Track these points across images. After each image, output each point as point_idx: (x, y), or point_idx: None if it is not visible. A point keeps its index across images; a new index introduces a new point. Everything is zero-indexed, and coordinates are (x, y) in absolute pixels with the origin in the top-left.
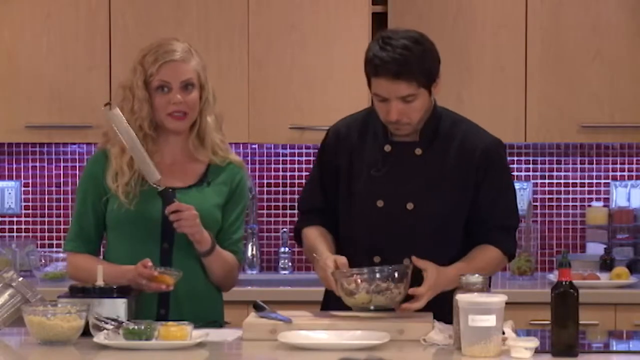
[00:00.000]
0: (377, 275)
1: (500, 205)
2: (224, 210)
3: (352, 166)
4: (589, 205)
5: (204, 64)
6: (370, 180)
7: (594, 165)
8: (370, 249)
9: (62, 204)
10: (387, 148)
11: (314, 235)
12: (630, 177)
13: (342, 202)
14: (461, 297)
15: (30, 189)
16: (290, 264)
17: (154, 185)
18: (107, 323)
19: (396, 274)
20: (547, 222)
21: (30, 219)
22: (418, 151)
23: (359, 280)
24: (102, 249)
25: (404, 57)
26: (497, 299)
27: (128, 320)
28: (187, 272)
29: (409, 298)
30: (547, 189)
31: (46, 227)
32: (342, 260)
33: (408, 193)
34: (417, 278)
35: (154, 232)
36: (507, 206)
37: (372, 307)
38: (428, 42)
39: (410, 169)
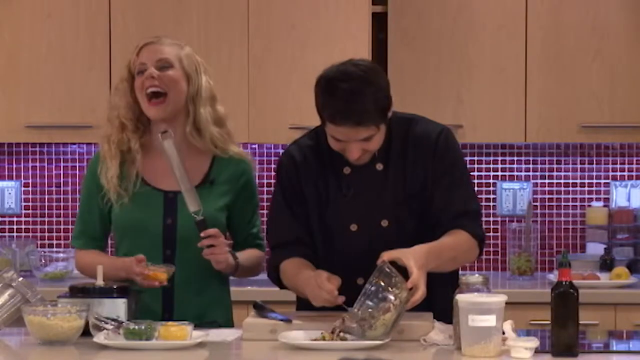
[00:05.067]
0: (385, 295)
1: (457, 190)
2: (235, 210)
3: (318, 194)
4: (589, 205)
5: (196, 59)
6: (338, 206)
7: (594, 165)
8: (351, 272)
9: (62, 204)
10: (347, 170)
11: (296, 266)
12: (630, 177)
13: (315, 230)
14: (461, 297)
15: (30, 189)
16: None
17: (192, 215)
18: (107, 323)
19: (386, 281)
20: (547, 222)
21: (30, 219)
22: (379, 166)
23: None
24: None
25: (360, 106)
26: (497, 299)
27: (128, 320)
28: (190, 276)
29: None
30: (547, 189)
31: (46, 227)
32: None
33: (380, 211)
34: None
35: (156, 239)
36: (465, 191)
37: (399, 317)
38: (376, 74)
39: (375, 186)
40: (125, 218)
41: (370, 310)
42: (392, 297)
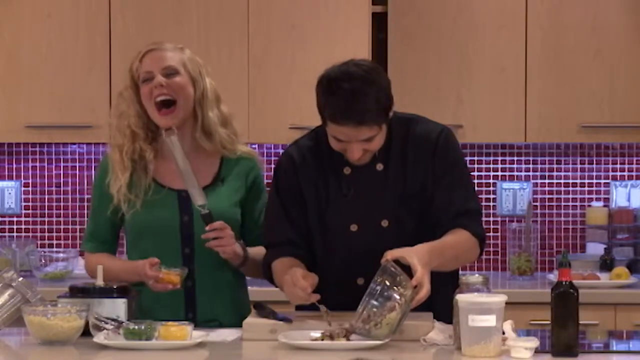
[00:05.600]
0: (389, 294)
1: (458, 190)
2: (245, 208)
3: (318, 194)
4: (589, 205)
5: (198, 62)
6: (339, 206)
7: (594, 165)
8: (352, 272)
9: (62, 204)
10: (347, 170)
11: (283, 266)
12: (630, 177)
13: (315, 230)
14: (461, 297)
15: (30, 189)
16: None
17: (198, 208)
18: (107, 323)
19: (390, 280)
20: (547, 222)
21: (30, 219)
22: (379, 166)
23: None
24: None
25: (362, 106)
26: (497, 299)
27: (128, 320)
28: (211, 274)
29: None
30: (547, 189)
31: (46, 227)
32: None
33: (380, 211)
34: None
35: (174, 239)
36: (466, 190)
37: (404, 315)
38: (377, 74)
39: (376, 186)
40: (142, 220)
41: (375, 309)
42: (397, 296)
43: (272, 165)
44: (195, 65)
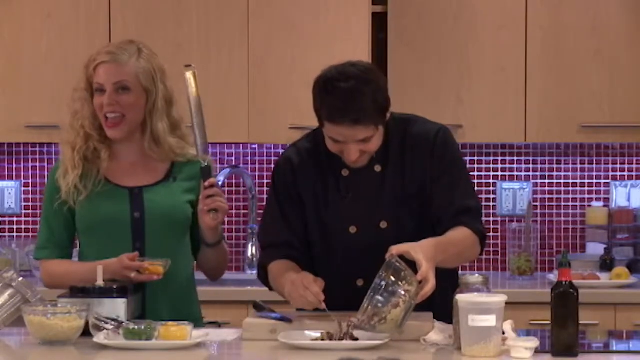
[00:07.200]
0: (394, 289)
1: (457, 189)
2: (197, 214)
3: (317, 196)
4: (589, 205)
5: (154, 68)
6: (338, 208)
7: (594, 165)
8: (352, 274)
9: None
10: (345, 172)
11: (282, 268)
12: (630, 177)
13: (314, 232)
14: (461, 297)
15: (30, 189)
16: None
17: (199, 159)
18: (107, 323)
19: (395, 275)
20: (547, 222)
21: (30, 219)
22: (377, 168)
23: (393, 305)
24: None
25: (359, 105)
26: (497, 299)
27: (128, 320)
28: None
29: None
30: (547, 189)
31: None
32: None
33: (379, 213)
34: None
35: (125, 233)
36: (465, 189)
37: (409, 310)
38: (374, 75)
39: (374, 188)
40: (93, 215)
41: (380, 305)
42: (402, 292)
43: (272, 166)
44: (149, 74)
